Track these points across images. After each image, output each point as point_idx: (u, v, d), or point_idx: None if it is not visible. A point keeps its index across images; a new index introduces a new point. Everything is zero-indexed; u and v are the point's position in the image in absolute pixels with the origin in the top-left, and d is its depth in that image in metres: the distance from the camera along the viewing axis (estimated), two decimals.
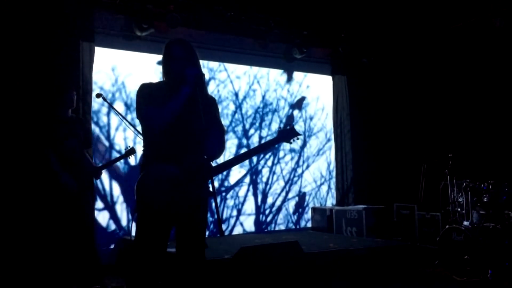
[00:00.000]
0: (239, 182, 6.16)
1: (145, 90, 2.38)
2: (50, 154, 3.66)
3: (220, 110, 2.71)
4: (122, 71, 5.38)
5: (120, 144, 5.28)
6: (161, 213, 2.28)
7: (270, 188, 6.41)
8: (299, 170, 6.67)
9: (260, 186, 6.33)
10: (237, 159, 2.55)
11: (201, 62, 2.47)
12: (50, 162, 3.65)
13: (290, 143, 2.61)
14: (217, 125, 2.47)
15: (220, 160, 2.68)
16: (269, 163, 6.45)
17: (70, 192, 3.67)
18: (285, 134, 2.59)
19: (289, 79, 6.71)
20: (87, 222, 3.86)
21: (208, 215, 6.22)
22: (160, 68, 2.57)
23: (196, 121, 2.28)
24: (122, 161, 4.62)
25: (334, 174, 6.86)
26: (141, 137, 2.62)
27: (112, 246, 5.12)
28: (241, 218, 6.15)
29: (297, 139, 2.61)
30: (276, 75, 6.61)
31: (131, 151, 4.00)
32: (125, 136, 5.30)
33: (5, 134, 4.42)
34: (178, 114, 2.28)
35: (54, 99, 3.87)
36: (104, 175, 4.90)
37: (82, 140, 3.93)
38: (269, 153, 6.44)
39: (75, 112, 4.16)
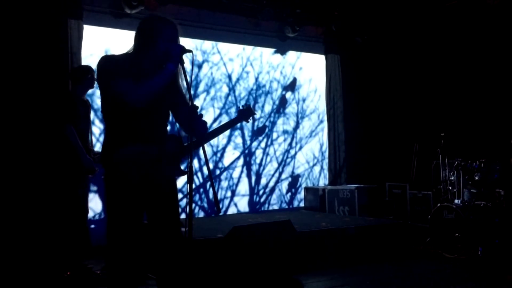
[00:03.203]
0: (232, 164, 6.16)
1: (112, 63, 2.21)
2: (72, 132, 3.59)
3: (213, 92, 2.68)
4: (116, 54, 5.27)
5: None
6: (136, 195, 2.20)
7: (263, 169, 6.41)
8: (292, 152, 6.66)
9: (254, 168, 6.33)
10: (205, 138, 2.51)
11: (193, 42, 2.39)
12: (72, 140, 3.58)
13: (248, 121, 2.66)
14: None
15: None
16: (263, 144, 6.43)
17: (89, 172, 3.70)
18: (244, 114, 2.64)
19: (283, 53, 6.64)
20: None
21: (203, 196, 6.19)
22: None
23: (179, 99, 2.22)
24: None
25: (326, 155, 6.87)
26: None
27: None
28: (235, 199, 6.16)
29: (253, 118, 2.68)
30: (269, 57, 6.53)
31: None
32: None
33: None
34: (161, 92, 2.18)
35: (74, 80, 3.84)
36: None
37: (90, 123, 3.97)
38: (263, 135, 6.42)
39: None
